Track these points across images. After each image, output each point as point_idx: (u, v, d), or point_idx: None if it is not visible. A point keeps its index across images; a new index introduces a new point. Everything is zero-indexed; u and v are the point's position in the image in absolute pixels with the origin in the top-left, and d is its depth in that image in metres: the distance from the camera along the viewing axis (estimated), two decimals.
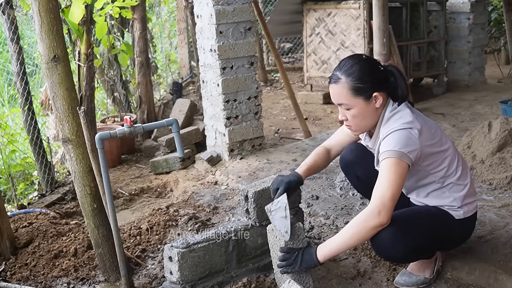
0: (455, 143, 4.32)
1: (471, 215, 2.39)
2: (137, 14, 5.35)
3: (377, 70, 2.26)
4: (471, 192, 2.37)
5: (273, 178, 2.73)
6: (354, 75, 2.20)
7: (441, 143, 2.28)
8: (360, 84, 2.20)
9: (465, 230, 2.45)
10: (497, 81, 7.26)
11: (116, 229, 2.45)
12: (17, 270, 2.86)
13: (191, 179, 4.23)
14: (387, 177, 2.08)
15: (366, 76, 2.20)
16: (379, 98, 2.22)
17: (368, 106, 2.23)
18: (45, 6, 2.38)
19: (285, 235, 2.28)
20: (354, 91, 2.21)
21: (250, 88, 4.38)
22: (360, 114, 2.25)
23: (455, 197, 2.32)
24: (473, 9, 6.73)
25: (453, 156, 2.31)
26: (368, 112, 2.25)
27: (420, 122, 2.21)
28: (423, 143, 2.17)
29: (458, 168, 2.31)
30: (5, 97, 5.90)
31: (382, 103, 2.24)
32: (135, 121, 5.35)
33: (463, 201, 2.33)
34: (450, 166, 2.29)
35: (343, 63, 2.27)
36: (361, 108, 2.23)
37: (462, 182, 2.33)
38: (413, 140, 2.14)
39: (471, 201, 2.37)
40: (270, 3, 9.59)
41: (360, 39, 5.98)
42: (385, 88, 2.25)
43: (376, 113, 2.26)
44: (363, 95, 2.21)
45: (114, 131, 2.33)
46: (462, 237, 2.49)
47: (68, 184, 4.21)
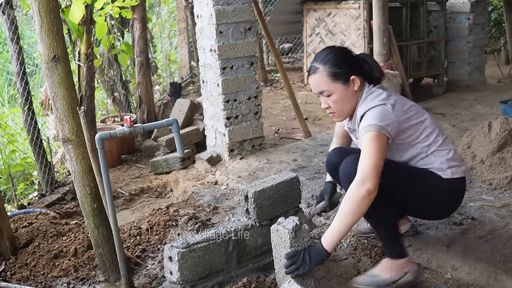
0: (455, 143, 4.35)
1: (459, 177, 2.43)
2: (137, 14, 5.35)
3: (351, 56, 2.43)
4: (456, 156, 2.45)
5: (273, 178, 2.74)
6: (330, 62, 2.36)
7: (418, 116, 2.39)
8: (337, 69, 2.35)
9: (452, 192, 2.45)
10: (497, 81, 7.26)
11: (116, 229, 2.45)
12: (17, 270, 2.86)
13: (191, 179, 4.23)
14: (368, 150, 2.19)
15: (341, 62, 2.36)
16: (357, 81, 2.37)
17: (347, 89, 2.37)
18: (45, 6, 2.38)
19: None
20: (332, 77, 2.35)
21: (250, 88, 4.39)
22: (340, 98, 2.38)
23: (441, 160, 2.40)
24: (473, 9, 6.72)
25: (432, 127, 2.42)
26: (347, 96, 2.38)
27: (394, 99, 2.35)
28: (398, 116, 2.30)
29: (438, 137, 2.41)
30: (5, 97, 5.90)
31: (359, 86, 2.38)
32: (135, 121, 5.35)
33: (450, 163, 2.40)
34: (430, 135, 2.40)
35: (318, 55, 2.43)
36: (341, 92, 2.37)
37: (445, 148, 2.42)
38: (389, 114, 2.27)
39: (458, 164, 2.44)
40: (270, 3, 9.59)
41: (360, 39, 5.98)
42: (361, 72, 2.39)
43: (355, 95, 2.39)
44: (341, 79, 2.36)
45: (114, 131, 2.33)
46: (448, 202, 2.48)
47: (68, 184, 4.21)
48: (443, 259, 2.66)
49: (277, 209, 2.68)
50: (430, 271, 2.63)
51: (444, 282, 2.56)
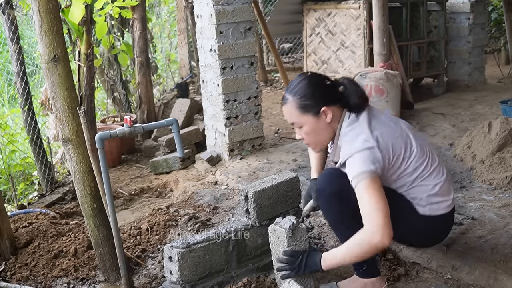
0: (455, 143, 4.35)
1: (440, 214, 2.31)
2: (137, 14, 5.35)
3: (323, 85, 2.26)
4: (442, 191, 2.30)
5: (273, 178, 2.73)
6: (299, 93, 2.23)
7: (406, 147, 2.24)
8: (306, 101, 2.22)
9: (429, 228, 2.35)
10: (497, 81, 7.26)
11: (116, 229, 2.45)
12: (17, 270, 2.86)
13: (191, 179, 4.23)
14: (370, 200, 2.05)
15: (311, 93, 2.22)
16: (328, 113, 2.22)
17: (318, 121, 2.24)
18: (45, 6, 2.38)
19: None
20: (301, 109, 2.23)
21: (250, 88, 4.38)
22: (312, 131, 2.26)
23: (422, 196, 2.28)
24: (473, 9, 6.72)
25: (421, 159, 2.26)
26: (320, 128, 2.26)
27: (380, 130, 2.19)
28: (386, 154, 2.16)
29: (425, 171, 2.26)
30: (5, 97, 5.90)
31: (333, 117, 2.23)
32: (135, 121, 5.35)
33: (431, 199, 2.28)
34: (417, 168, 2.25)
35: (290, 83, 2.30)
36: (312, 124, 2.24)
37: (430, 183, 2.28)
38: (377, 158, 2.12)
39: (442, 200, 2.30)
40: (270, 3, 9.59)
41: (360, 39, 5.98)
42: (335, 102, 2.24)
43: (329, 127, 2.26)
44: (311, 111, 2.22)
45: (114, 131, 2.33)
46: (425, 234, 2.38)
47: (68, 184, 4.21)
48: (443, 259, 2.66)
49: (277, 209, 2.68)
50: (430, 271, 2.63)
51: (444, 282, 2.56)
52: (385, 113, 2.36)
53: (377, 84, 5.11)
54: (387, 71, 5.27)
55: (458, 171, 3.90)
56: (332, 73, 6.36)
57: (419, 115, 5.44)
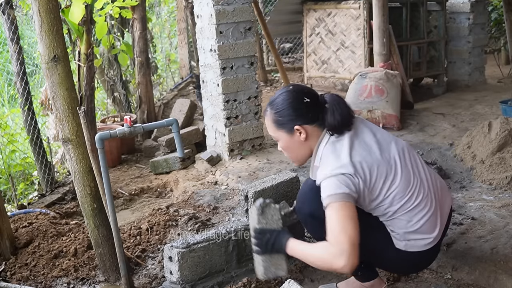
0: (455, 143, 4.35)
1: (416, 251, 2.14)
2: (137, 14, 5.35)
3: (299, 102, 2.12)
4: (423, 229, 2.12)
5: (273, 178, 2.73)
6: (275, 108, 2.16)
7: (386, 179, 2.07)
8: (279, 117, 2.14)
9: (404, 263, 2.21)
10: (497, 81, 7.26)
11: (116, 229, 2.45)
12: (17, 270, 2.86)
13: (191, 179, 4.23)
14: (337, 224, 1.94)
15: (286, 109, 2.12)
16: (302, 131, 2.12)
17: (291, 139, 2.15)
18: (45, 6, 2.38)
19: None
20: (276, 124, 2.16)
21: (250, 88, 4.39)
22: (286, 147, 2.20)
23: (399, 231, 2.14)
24: (473, 9, 6.72)
25: (402, 192, 2.09)
26: (294, 145, 2.17)
27: (360, 159, 2.04)
28: (362, 185, 2.03)
29: (406, 204, 2.10)
30: (5, 97, 5.90)
31: (308, 136, 2.13)
32: (135, 121, 5.34)
33: (408, 236, 2.12)
34: (394, 204, 2.09)
35: (273, 95, 2.22)
36: (286, 141, 2.17)
37: (410, 218, 2.11)
38: (352, 184, 2.00)
39: (418, 238, 2.12)
40: (270, 3, 9.59)
41: (360, 39, 5.98)
42: (311, 121, 2.12)
43: (305, 145, 2.16)
44: (284, 128, 2.15)
45: (114, 131, 2.33)
46: (401, 266, 2.26)
47: (68, 184, 4.21)
48: (443, 259, 2.66)
49: None
50: (430, 271, 2.63)
51: (444, 282, 2.56)
52: (374, 132, 2.18)
53: (377, 84, 5.11)
54: (387, 71, 5.27)
55: (458, 171, 3.90)
56: (332, 73, 6.37)
57: (419, 115, 5.44)
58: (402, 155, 2.14)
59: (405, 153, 2.16)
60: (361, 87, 5.17)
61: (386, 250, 2.17)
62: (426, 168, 2.24)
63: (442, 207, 2.22)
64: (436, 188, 2.21)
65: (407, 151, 2.18)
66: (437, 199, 2.19)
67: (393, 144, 2.16)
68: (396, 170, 2.10)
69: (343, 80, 6.21)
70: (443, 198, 2.24)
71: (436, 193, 2.19)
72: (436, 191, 2.20)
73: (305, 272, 2.68)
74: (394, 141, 2.19)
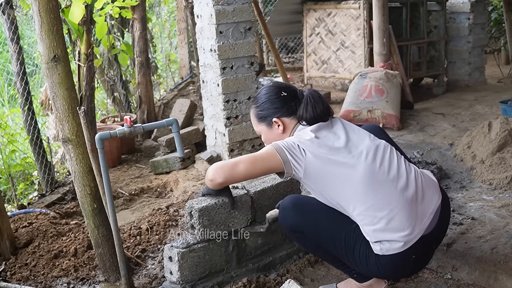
0: (455, 143, 4.35)
1: (394, 253, 2.09)
2: (137, 14, 5.35)
3: (278, 96, 2.28)
4: (391, 227, 2.07)
5: (273, 178, 2.73)
6: (256, 103, 2.33)
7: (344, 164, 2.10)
8: (260, 111, 2.31)
9: (386, 268, 2.15)
10: (497, 81, 7.26)
11: (116, 229, 2.45)
12: (17, 270, 2.86)
13: (191, 179, 4.23)
14: (253, 154, 2.16)
15: (265, 103, 2.29)
16: (279, 123, 2.27)
17: (271, 131, 2.31)
18: (45, 6, 2.38)
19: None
20: (257, 118, 2.34)
21: (250, 88, 4.38)
22: (267, 140, 2.34)
23: (366, 230, 2.11)
24: (473, 9, 6.72)
25: (364, 180, 2.08)
26: (273, 137, 2.28)
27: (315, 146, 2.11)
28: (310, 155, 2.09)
29: (369, 197, 2.08)
30: (5, 97, 5.89)
31: (285, 129, 2.27)
32: (135, 121, 5.34)
33: (377, 236, 2.09)
34: (355, 192, 2.09)
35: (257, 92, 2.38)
36: (266, 133, 2.34)
37: (374, 214, 2.08)
38: (297, 149, 2.10)
39: (390, 239, 2.08)
40: (270, 3, 9.59)
41: (360, 39, 5.98)
42: (288, 114, 2.26)
43: (283, 137, 2.26)
44: (264, 121, 2.31)
45: (114, 131, 2.33)
46: (386, 272, 2.20)
47: (68, 184, 4.21)
48: (443, 259, 2.66)
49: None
50: (430, 271, 2.63)
51: (444, 282, 2.56)
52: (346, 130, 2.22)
53: (377, 84, 5.11)
54: (387, 71, 5.27)
55: (458, 171, 3.90)
56: (332, 73, 6.37)
57: (419, 115, 5.44)
58: (374, 152, 2.15)
59: (378, 150, 2.17)
60: (361, 87, 5.17)
61: (367, 258, 2.15)
62: (405, 167, 2.19)
63: (420, 207, 2.15)
64: (414, 187, 2.15)
65: (382, 149, 2.18)
66: (411, 198, 2.12)
67: (367, 141, 2.18)
68: (358, 163, 2.10)
69: (343, 80, 6.21)
70: (425, 198, 2.18)
71: (412, 192, 2.14)
72: (414, 190, 2.14)
73: (305, 272, 2.69)
74: (371, 139, 2.20)
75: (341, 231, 2.18)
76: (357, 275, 2.38)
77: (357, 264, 2.20)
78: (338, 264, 2.41)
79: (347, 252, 2.19)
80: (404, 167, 2.19)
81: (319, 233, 2.22)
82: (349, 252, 2.18)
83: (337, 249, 2.21)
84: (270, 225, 2.60)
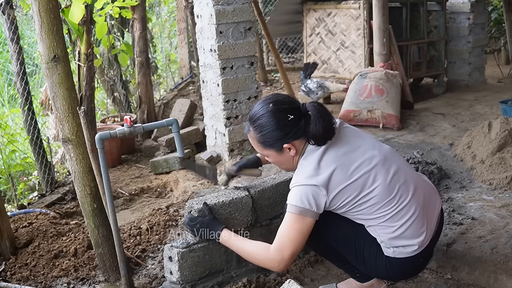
0: (455, 143, 4.35)
1: (406, 257, 2.13)
2: (137, 14, 5.35)
3: (284, 122, 2.08)
4: (407, 234, 2.10)
5: (273, 178, 2.73)
6: (259, 129, 2.11)
7: (362, 191, 2.06)
8: (266, 139, 2.11)
9: (396, 270, 2.19)
10: (497, 81, 7.26)
11: (116, 229, 2.45)
12: (17, 270, 2.86)
13: (191, 179, 4.22)
14: (290, 233, 2.04)
15: (272, 131, 2.09)
16: (291, 148, 2.11)
17: (282, 155, 2.15)
18: (45, 6, 2.38)
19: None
20: (262, 144, 2.15)
21: (250, 88, 4.38)
22: (277, 162, 2.22)
23: (383, 238, 2.13)
24: (473, 9, 6.72)
25: (382, 201, 2.08)
26: (284, 159, 2.17)
27: (330, 172, 2.03)
28: (330, 197, 2.04)
29: (387, 211, 2.09)
30: (5, 97, 5.89)
31: (297, 150, 2.13)
32: (135, 121, 5.34)
33: (393, 242, 2.12)
34: (374, 213, 2.10)
35: (252, 112, 2.16)
36: (276, 157, 2.18)
37: (393, 224, 2.10)
38: (316, 196, 2.03)
39: (406, 244, 2.11)
40: (270, 3, 9.59)
41: (360, 39, 5.98)
42: (297, 136, 2.10)
43: (295, 157, 2.16)
44: (273, 148, 2.14)
45: (114, 131, 2.33)
46: (394, 273, 2.23)
47: (68, 184, 4.21)
48: (443, 259, 2.67)
49: (277, 209, 2.68)
50: (430, 271, 2.63)
51: (444, 282, 2.56)
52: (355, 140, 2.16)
53: (377, 84, 5.11)
54: (387, 71, 5.27)
55: (458, 171, 3.90)
56: (332, 73, 6.36)
57: (419, 115, 5.44)
58: (384, 162, 2.12)
59: (387, 159, 2.14)
60: (361, 87, 5.17)
61: (376, 259, 2.17)
62: (412, 172, 2.22)
63: (429, 211, 2.19)
64: (423, 192, 2.19)
65: (390, 157, 2.16)
66: (423, 204, 2.16)
67: (375, 151, 2.14)
68: (374, 180, 2.08)
69: (343, 80, 6.21)
70: (431, 203, 2.23)
71: (422, 197, 2.17)
72: (423, 195, 2.18)
73: (305, 272, 2.69)
74: (377, 148, 2.16)
75: (351, 229, 2.18)
76: (360, 274, 2.38)
77: (365, 264, 2.21)
78: (340, 263, 2.41)
79: (356, 251, 2.19)
80: (412, 173, 2.22)
81: (327, 229, 2.20)
82: (358, 252, 2.19)
83: (345, 247, 2.22)
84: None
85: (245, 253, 2.20)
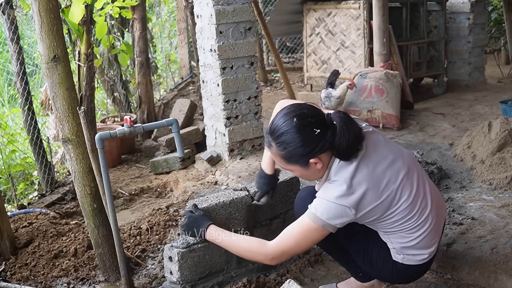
0: (455, 143, 4.35)
1: (413, 265, 2.16)
2: (137, 14, 5.35)
3: (310, 137, 1.96)
4: (420, 245, 2.12)
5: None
6: (283, 147, 1.98)
7: (388, 208, 2.03)
8: (291, 154, 1.99)
9: (401, 274, 2.21)
10: (497, 81, 7.26)
11: (116, 229, 2.45)
12: (17, 270, 2.86)
13: (191, 179, 4.23)
14: (299, 238, 2.02)
15: (298, 148, 1.96)
16: (318, 162, 2.00)
17: (308, 170, 2.04)
18: (45, 6, 2.38)
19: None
20: (286, 160, 2.02)
21: (250, 88, 4.38)
22: (302, 176, 2.13)
23: (397, 246, 2.14)
24: (473, 9, 6.72)
25: (406, 216, 2.06)
26: (310, 174, 2.08)
27: (362, 192, 1.97)
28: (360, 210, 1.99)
29: (408, 224, 2.07)
30: (5, 97, 5.89)
31: (323, 163, 2.02)
32: (135, 121, 5.34)
33: (405, 251, 2.13)
34: (396, 226, 2.09)
35: (273, 126, 2.01)
36: (301, 171, 2.06)
37: (410, 236, 2.10)
38: (347, 215, 1.98)
39: (417, 253, 2.13)
40: (270, 3, 9.59)
41: (360, 39, 5.98)
42: (324, 150, 1.98)
43: (320, 171, 2.06)
44: (298, 163, 2.02)
45: (114, 131, 2.33)
46: (398, 277, 2.26)
47: (68, 184, 4.21)
48: (443, 259, 2.67)
49: (277, 209, 2.68)
50: (430, 271, 2.63)
51: (444, 282, 2.56)
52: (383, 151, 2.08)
53: (377, 84, 5.11)
54: (387, 71, 5.27)
55: (458, 171, 3.90)
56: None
57: (419, 115, 5.44)
58: (408, 174, 2.08)
59: (410, 169, 2.10)
60: (361, 87, 5.17)
61: (384, 261, 2.19)
62: (428, 182, 2.20)
63: (439, 221, 2.21)
64: (436, 202, 2.18)
65: (412, 166, 2.13)
66: (437, 216, 2.16)
67: (399, 161, 2.08)
68: (401, 196, 2.04)
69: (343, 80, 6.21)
70: (442, 214, 2.25)
71: (436, 209, 2.16)
72: (436, 207, 2.17)
73: (305, 272, 2.69)
74: (401, 156, 2.11)
75: (363, 229, 2.18)
76: (362, 274, 2.38)
77: (371, 265, 2.22)
78: (344, 261, 2.42)
79: (365, 251, 2.20)
80: (428, 183, 2.19)
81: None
82: (366, 252, 2.20)
83: (354, 246, 2.23)
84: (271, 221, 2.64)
85: (237, 252, 2.20)
